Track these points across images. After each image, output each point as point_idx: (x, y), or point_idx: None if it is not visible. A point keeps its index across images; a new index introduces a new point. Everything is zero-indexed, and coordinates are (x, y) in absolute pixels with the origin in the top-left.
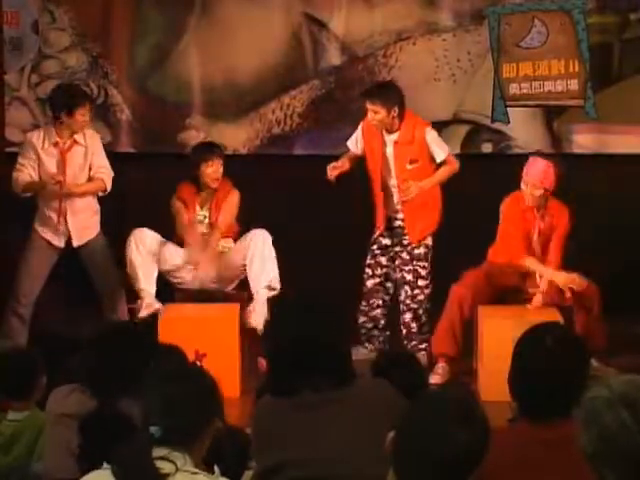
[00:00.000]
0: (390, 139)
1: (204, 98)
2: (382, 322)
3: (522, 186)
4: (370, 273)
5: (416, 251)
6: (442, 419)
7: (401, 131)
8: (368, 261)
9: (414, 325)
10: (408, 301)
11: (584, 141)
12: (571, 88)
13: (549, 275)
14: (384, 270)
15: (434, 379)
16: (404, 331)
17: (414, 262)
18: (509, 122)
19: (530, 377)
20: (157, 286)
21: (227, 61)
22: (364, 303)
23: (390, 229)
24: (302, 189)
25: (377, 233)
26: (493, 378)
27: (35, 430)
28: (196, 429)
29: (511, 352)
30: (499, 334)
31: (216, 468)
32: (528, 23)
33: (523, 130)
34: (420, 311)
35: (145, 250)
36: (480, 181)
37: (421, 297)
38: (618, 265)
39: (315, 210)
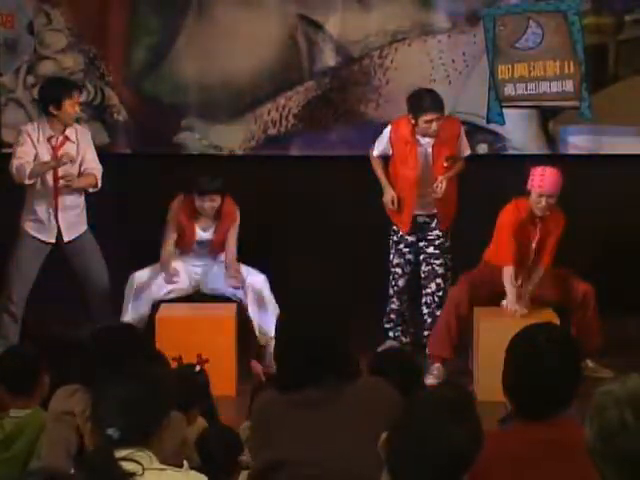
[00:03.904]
0: (427, 140)
1: (200, 99)
2: (407, 314)
3: (533, 197)
4: (400, 272)
5: (446, 244)
6: (437, 419)
7: (440, 131)
8: (396, 260)
9: (439, 314)
10: (439, 292)
11: (579, 142)
12: (566, 89)
13: (509, 293)
14: (411, 267)
15: (429, 380)
16: (428, 320)
17: (444, 255)
18: (504, 123)
19: (522, 376)
20: None
21: (223, 62)
22: (397, 302)
23: (414, 226)
24: (298, 190)
25: (400, 233)
26: (489, 379)
27: (36, 428)
28: (152, 427)
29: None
30: (495, 335)
31: (185, 462)
32: (523, 24)
33: (518, 131)
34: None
35: (138, 296)
36: (475, 182)
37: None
38: (614, 266)
39: (312, 211)
